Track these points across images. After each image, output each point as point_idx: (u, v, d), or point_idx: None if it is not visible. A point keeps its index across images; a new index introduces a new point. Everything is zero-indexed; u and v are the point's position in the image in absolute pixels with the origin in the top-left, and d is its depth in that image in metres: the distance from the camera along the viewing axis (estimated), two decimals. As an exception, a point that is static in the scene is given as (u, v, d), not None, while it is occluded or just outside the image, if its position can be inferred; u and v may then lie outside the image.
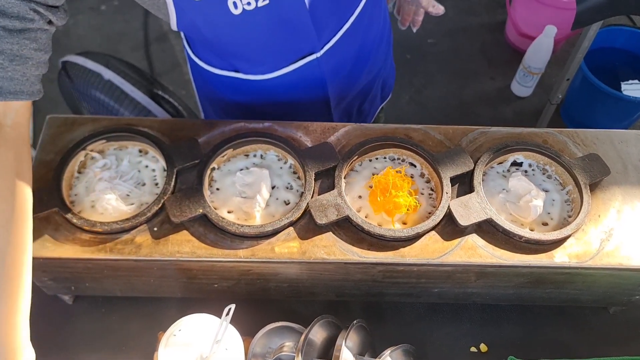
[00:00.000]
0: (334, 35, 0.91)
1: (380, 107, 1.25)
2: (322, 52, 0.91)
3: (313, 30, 0.86)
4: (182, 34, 0.98)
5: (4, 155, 0.67)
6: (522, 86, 2.26)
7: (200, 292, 0.86)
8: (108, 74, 1.27)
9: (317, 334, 0.78)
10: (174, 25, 0.80)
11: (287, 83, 0.95)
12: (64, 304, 0.90)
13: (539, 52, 2.10)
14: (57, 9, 0.74)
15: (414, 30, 1.18)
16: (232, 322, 0.74)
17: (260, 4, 0.77)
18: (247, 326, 0.80)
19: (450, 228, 0.80)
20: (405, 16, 1.17)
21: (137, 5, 0.82)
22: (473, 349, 0.88)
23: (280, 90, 0.96)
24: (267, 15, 0.79)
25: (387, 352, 0.76)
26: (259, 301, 0.90)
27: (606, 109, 2.03)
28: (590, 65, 1.98)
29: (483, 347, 0.88)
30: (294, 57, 0.91)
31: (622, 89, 2.08)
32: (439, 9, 1.09)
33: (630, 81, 2.12)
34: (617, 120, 2.07)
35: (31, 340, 0.87)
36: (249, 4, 0.76)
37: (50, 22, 0.73)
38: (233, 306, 0.71)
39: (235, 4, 0.76)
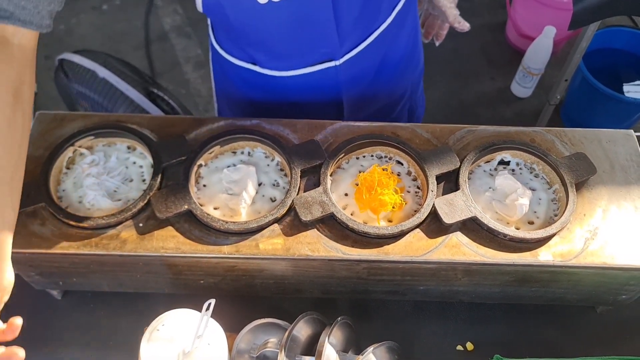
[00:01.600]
0: (357, 46, 0.92)
1: None
2: (341, 60, 0.91)
3: (336, 36, 0.87)
4: (208, 21, 0.99)
5: (7, 72, 0.69)
6: (522, 87, 2.26)
7: (186, 288, 0.87)
8: (103, 72, 1.28)
9: (302, 330, 0.79)
10: (199, 7, 0.81)
11: (303, 84, 0.95)
12: (53, 299, 0.91)
13: (539, 52, 2.10)
14: None
15: (437, 43, 1.18)
16: (218, 318, 0.75)
17: None
18: (234, 322, 0.81)
19: (435, 226, 0.80)
20: (429, 29, 1.17)
21: (139, 5, 0.84)
22: (459, 348, 0.88)
23: (295, 90, 0.97)
24: (291, 10, 0.80)
25: (370, 348, 0.76)
26: (246, 298, 0.90)
27: (606, 110, 2.02)
28: (591, 67, 1.97)
29: (469, 346, 0.88)
30: (313, 60, 0.91)
31: (624, 91, 2.07)
32: (465, 26, 1.09)
33: (633, 82, 2.11)
34: (617, 121, 2.06)
35: (20, 335, 0.88)
36: None
37: None
38: (213, 301, 0.71)
39: None
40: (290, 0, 0.78)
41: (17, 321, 0.64)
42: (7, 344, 0.66)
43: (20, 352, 0.63)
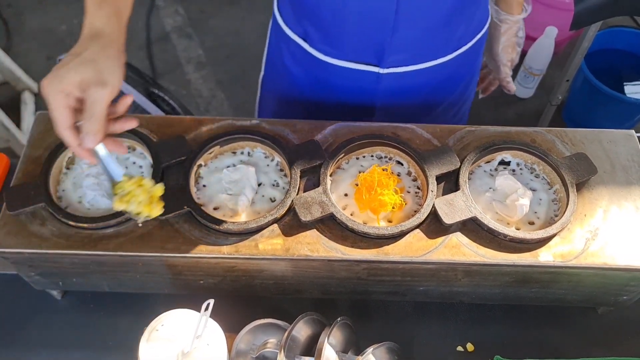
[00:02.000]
0: (405, 65, 0.93)
1: None
2: (386, 70, 0.92)
3: (389, 41, 0.87)
4: None
5: None
6: (524, 87, 2.25)
7: (186, 288, 0.87)
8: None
9: (301, 330, 0.78)
10: None
11: (342, 79, 0.96)
12: (53, 299, 0.91)
13: (540, 53, 2.10)
14: None
15: (480, 96, 1.20)
16: (217, 318, 0.75)
17: None
18: (233, 323, 0.81)
19: (434, 226, 0.80)
20: (479, 81, 1.18)
21: (140, 5, 0.84)
22: (459, 348, 0.88)
23: (333, 81, 0.98)
24: None
25: (370, 349, 0.76)
26: (245, 298, 0.90)
27: (607, 110, 2.02)
28: (593, 67, 1.97)
29: (470, 347, 0.88)
30: (359, 58, 0.92)
31: (626, 91, 2.07)
32: (512, 88, 1.11)
33: (634, 83, 2.10)
34: (619, 122, 2.05)
35: (19, 335, 0.89)
36: None
37: None
38: (212, 301, 0.71)
39: None
40: None
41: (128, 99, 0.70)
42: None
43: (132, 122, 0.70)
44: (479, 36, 0.99)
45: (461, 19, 0.92)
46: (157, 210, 0.73)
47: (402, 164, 0.88)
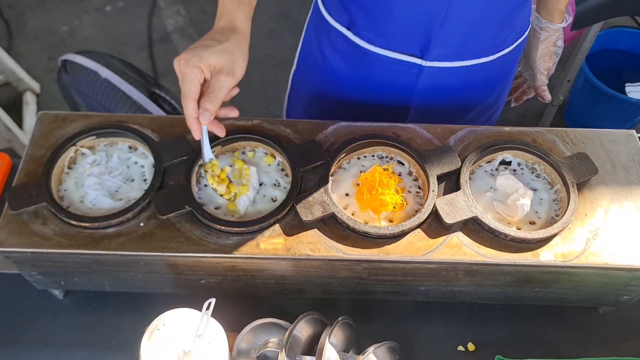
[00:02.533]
0: (449, 60, 0.93)
1: None
2: (428, 63, 0.92)
3: (435, 35, 0.88)
4: None
5: None
6: (525, 88, 2.25)
7: (188, 287, 0.87)
8: (105, 73, 1.29)
9: (303, 330, 0.79)
10: None
11: (383, 69, 0.96)
12: (55, 299, 0.91)
13: (541, 53, 2.09)
14: None
15: (513, 105, 1.20)
16: (219, 317, 0.75)
17: None
18: (234, 322, 0.81)
19: (435, 226, 0.80)
20: (513, 90, 1.18)
21: (142, 6, 0.85)
22: (460, 348, 0.88)
23: (372, 71, 0.97)
24: None
25: (371, 348, 0.76)
26: (247, 298, 0.90)
27: (609, 111, 2.02)
28: (594, 67, 1.97)
29: (471, 346, 0.88)
30: (403, 48, 0.92)
31: (627, 91, 2.07)
32: (547, 97, 1.11)
33: (635, 83, 2.10)
34: (620, 122, 2.05)
35: (21, 334, 0.89)
36: None
37: None
38: (213, 300, 0.71)
39: None
40: None
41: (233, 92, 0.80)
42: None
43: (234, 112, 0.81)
44: (520, 40, 0.99)
45: (509, 21, 0.92)
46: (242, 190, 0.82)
47: (403, 164, 0.88)
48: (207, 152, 0.81)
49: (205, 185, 0.84)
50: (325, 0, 1.00)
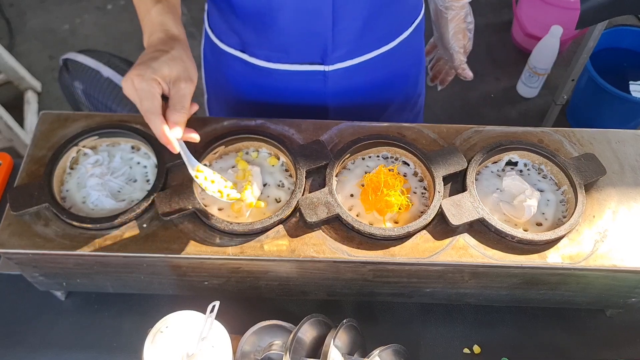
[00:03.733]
0: (350, 59, 0.91)
1: None
2: (331, 67, 0.90)
3: (330, 37, 0.85)
4: (205, 6, 0.99)
5: None
6: (528, 87, 2.25)
7: (191, 289, 0.86)
8: (107, 72, 1.28)
9: (307, 332, 0.78)
10: None
11: (289, 82, 0.94)
12: (57, 300, 0.91)
13: (545, 52, 2.09)
14: None
15: (439, 88, 1.19)
16: (222, 320, 0.74)
17: None
18: (238, 324, 0.80)
19: (441, 227, 0.79)
20: (436, 73, 1.18)
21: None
22: (466, 351, 0.87)
23: (280, 85, 0.96)
24: None
25: (377, 351, 0.75)
26: (250, 300, 0.90)
27: (612, 110, 2.01)
28: (597, 66, 1.96)
29: (476, 349, 0.87)
30: (303, 58, 0.90)
31: (631, 90, 2.06)
32: (468, 74, 1.09)
33: (639, 82, 2.09)
34: (624, 121, 2.05)
35: (23, 336, 0.88)
36: None
37: None
38: (217, 303, 0.71)
39: None
40: None
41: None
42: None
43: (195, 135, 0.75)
44: (417, 22, 0.98)
45: (400, 6, 0.91)
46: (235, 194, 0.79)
47: (408, 165, 0.87)
48: (191, 159, 0.76)
49: (209, 186, 0.83)
50: (214, 28, 0.98)
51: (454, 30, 1.05)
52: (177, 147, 0.72)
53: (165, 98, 0.72)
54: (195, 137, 0.75)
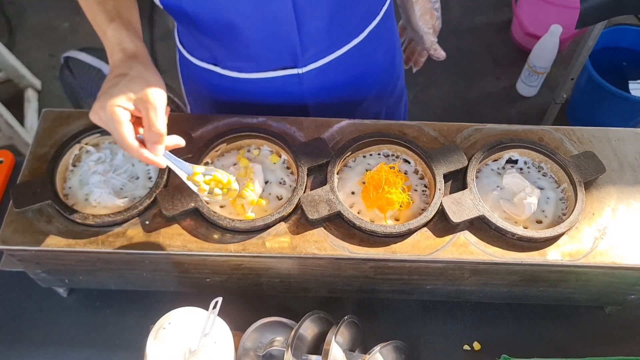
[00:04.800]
0: (322, 58, 0.91)
1: None
2: (305, 69, 0.90)
3: (297, 42, 0.85)
4: (175, 24, 0.98)
5: None
6: (528, 86, 2.25)
7: (193, 286, 0.87)
8: (109, 70, 1.28)
9: (308, 329, 0.78)
10: (157, 1, 0.80)
11: (265, 88, 0.94)
12: (59, 297, 0.91)
13: (544, 51, 2.09)
14: None
15: (414, 70, 1.19)
16: (223, 316, 0.74)
17: None
18: (240, 321, 0.80)
19: (442, 225, 0.80)
20: (409, 55, 1.18)
21: (143, 3, 0.83)
22: (466, 347, 0.88)
23: (257, 93, 0.96)
24: (252, 5, 0.78)
25: (377, 348, 0.76)
26: (252, 296, 0.90)
27: (612, 109, 2.01)
28: (597, 65, 1.96)
29: (476, 345, 0.88)
30: (275, 65, 0.91)
31: (630, 89, 2.06)
32: (440, 54, 1.09)
33: (638, 81, 2.10)
34: (623, 120, 2.05)
35: (25, 332, 0.89)
36: None
37: None
38: (220, 299, 0.71)
39: None
40: None
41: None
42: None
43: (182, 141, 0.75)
44: (384, 9, 0.97)
45: None
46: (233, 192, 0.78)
47: (409, 162, 0.88)
48: (182, 168, 0.75)
49: (210, 184, 0.84)
50: (184, 44, 0.98)
51: (421, 12, 1.04)
52: (162, 163, 0.71)
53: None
54: (180, 142, 0.74)
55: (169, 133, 0.87)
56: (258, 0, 0.78)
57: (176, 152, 0.83)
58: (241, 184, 0.82)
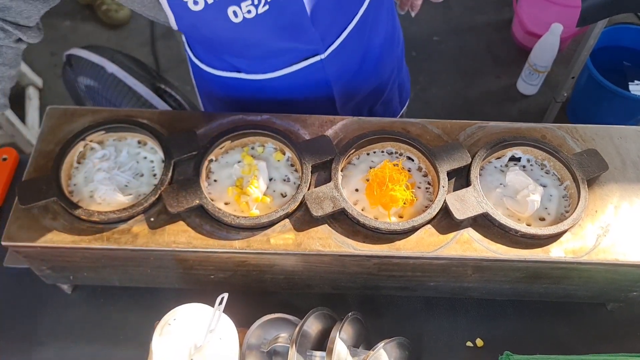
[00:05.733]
0: (338, 37, 0.91)
1: (400, 113, 1.25)
2: (326, 53, 0.91)
3: (315, 33, 0.86)
4: (183, 37, 0.98)
5: None
6: (528, 84, 2.25)
7: (197, 283, 0.87)
8: (111, 68, 1.28)
9: (312, 325, 0.79)
10: (174, 26, 0.81)
11: (290, 83, 0.94)
12: (63, 294, 0.91)
13: (545, 50, 2.09)
14: (29, 28, 0.76)
15: (412, 14, 1.16)
16: (228, 313, 0.75)
17: (260, 10, 0.77)
18: (244, 317, 0.81)
19: (446, 222, 0.80)
20: (404, 0, 1.16)
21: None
22: (469, 344, 0.88)
23: (284, 89, 0.96)
24: (268, 21, 0.79)
25: (381, 344, 0.76)
26: (256, 293, 0.90)
27: (612, 107, 2.02)
28: (598, 64, 1.97)
29: (479, 342, 0.88)
30: (297, 58, 0.91)
31: (630, 88, 2.06)
32: None
33: (639, 80, 2.10)
34: (624, 119, 2.06)
35: (30, 329, 0.89)
36: (249, 12, 0.77)
37: (19, 40, 0.76)
38: (226, 295, 0.71)
39: (235, 13, 0.76)
40: (264, 12, 0.77)
41: None
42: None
43: None
44: None
45: None
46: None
47: (412, 160, 0.88)
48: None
49: (215, 181, 0.84)
50: (201, 58, 0.97)
51: None
52: None
53: None
54: None
55: (174, 130, 0.87)
56: (274, 17, 0.78)
57: (183, 148, 0.83)
58: (245, 181, 0.83)
